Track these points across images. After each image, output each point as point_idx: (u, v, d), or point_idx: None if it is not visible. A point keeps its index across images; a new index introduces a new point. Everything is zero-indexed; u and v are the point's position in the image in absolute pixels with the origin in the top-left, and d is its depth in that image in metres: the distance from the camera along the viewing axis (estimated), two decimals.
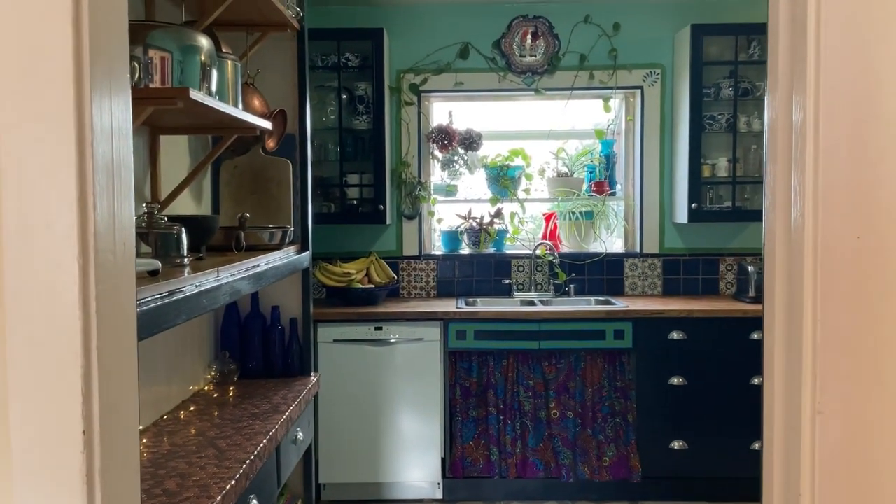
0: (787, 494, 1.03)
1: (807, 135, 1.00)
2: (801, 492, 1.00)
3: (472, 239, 4.59)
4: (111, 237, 1.04)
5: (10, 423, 0.98)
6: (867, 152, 0.98)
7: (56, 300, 0.97)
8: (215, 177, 2.89)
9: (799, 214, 1.00)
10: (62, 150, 0.97)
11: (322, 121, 4.26)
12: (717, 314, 3.95)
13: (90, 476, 0.98)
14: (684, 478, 3.97)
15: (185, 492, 1.78)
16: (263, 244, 2.55)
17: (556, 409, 4.01)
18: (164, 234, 1.92)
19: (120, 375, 1.06)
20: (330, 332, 3.97)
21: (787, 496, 1.03)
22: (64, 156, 0.97)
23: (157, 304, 1.50)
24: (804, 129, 1.01)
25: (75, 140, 0.97)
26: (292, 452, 2.56)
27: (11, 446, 0.98)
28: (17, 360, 0.97)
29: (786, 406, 1.01)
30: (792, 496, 1.02)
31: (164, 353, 2.44)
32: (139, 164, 2.27)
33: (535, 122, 4.73)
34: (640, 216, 4.54)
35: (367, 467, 3.99)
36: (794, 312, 1.00)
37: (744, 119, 4.24)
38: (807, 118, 1.00)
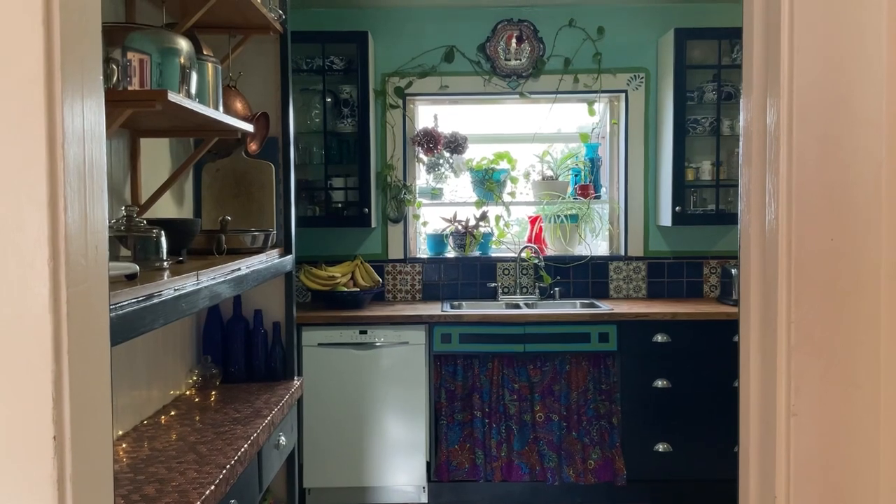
0: (763, 495, 1.03)
1: (780, 138, 1.00)
2: (776, 493, 1.00)
3: (458, 242, 4.59)
4: (83, 240, 1.02)
5: None
6: (840, 155, 0.98)
7: (26, 303, 0.96)
8: (197, 180, 2.87)
9: (773, 217, 1.00)
10: (32, 151, 0.96)
11: (307, 124, 4.25)
12: (701, 317, 3.97)
13: (61, 482, 0.97)
14: (668, 480, 3.98)
15: (164, 497, 1.77)
16: (245, 247, 2.54)
17: (541, 412, 4.01)
18: (143, 238, 1.91)
19: (92, 380, 1.05)
20: (314, 335, 3.95)
21: (762, 497, 1.03)
22: (34, 157, 0.95)
23: (134, 307, 1.49)
24: (778, 132, 1.01)
25: (45, 141, 0.96)
26: (275, 457, 2.54)
27: None
28: None
29: (761, 408, 1.01)
30: (768, 497, 1.02)
31: (145, 358, 2.42)
32: (119, 166, 2.26)
33: (520, 125, 4.74)
34: (625, 219, 4.56)
35: (352, 471, 3.97)
36: (768, 314, 1.00)
37: (727, 123, 4.26)
38: (780, 121, 1.01)
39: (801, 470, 0.99)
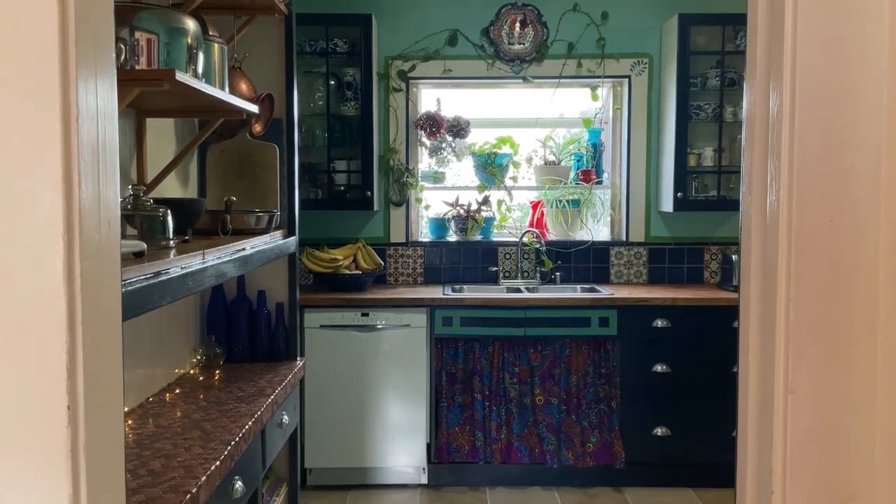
0: (760, 471, 1.05)
1: (783, 121, 1.02)
2: (772, 468, 1.02)
3: (460, 226, 4.60)
4: (96, 215, 1.04)
5: None
6: (841, 139, 1.00)
7: (42, 276, 0.98)
8: (202, 161, 2.88)
9: (774, 199, 1.02)
10: (47, 127, 0.97)
11: (310, 106, 4.25)
12: (701, 302, 3.99)
13: (74, 451, 1.00)
14: (667, 464, 4.02)
15: (170, 472, 1.79)
16: (250, 228, 2.56)
17: (540, 396, 4.04)
18: (149, 217, 1.92)
19: (105, 352, 1.07)
20: (317, 317, 3.98)
21: (759, 472, 1.05)
22: (49, 133, 0.97)
23: (142, 284, 1.51)
24: (780, 116, 1.03)
25: (60, 117, 0.98)
26: (277, 435, 2.57)
27: None
28: (1, 335, 0.98)
29: (759, 385, 1.03)
30: (764, 472, 1.04)
31: (150, 336, 2.44)
32: (125, 146, 2.27)
33: (523, 110, 4.74)
34: (627, 205, 4.57)
35: (353, 452, 4.01)
36: (768, 294, 1.02)
37: (730, 109, 4.27)
38: (783, 105, 1.02)
39: (798, 447, 1.01)
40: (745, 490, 1.08)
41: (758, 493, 1.07)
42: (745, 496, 1.09)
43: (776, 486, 1.03)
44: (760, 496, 1.06)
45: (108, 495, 1.08)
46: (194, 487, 1.70)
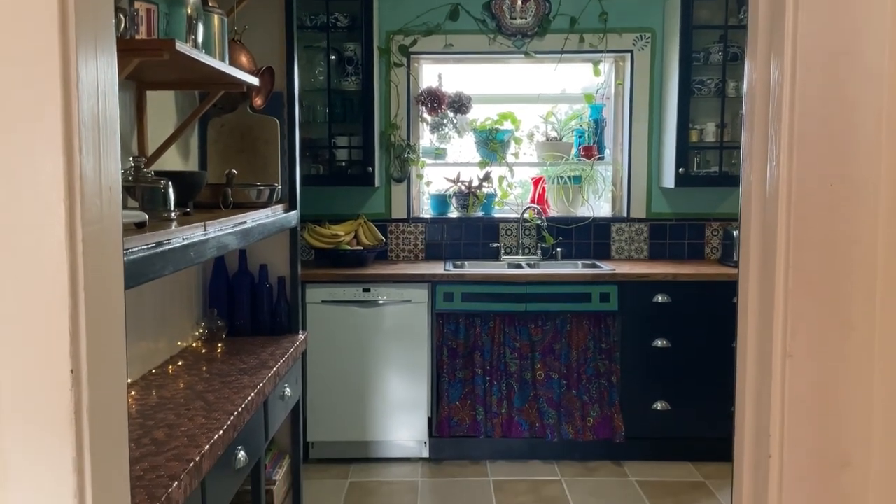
0: (758, 435, 1.06)
1: (784, 85, 1.02)
2: (770, 432, 1.03)
3: (461, 202, 4.60)
4: (97, 181, 1.05)
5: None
6: (842, 104, 1.00)
7: (43, 241, 0.98)
8: (203, 134, 2.88)
9: (774, 164, 1.02)
10: (48, 93, 0.97)
11: (310, 82, 4.23)
12: (701, 278, 4.00)
13: (78, 414, 1.01)
14: (666, 438, 4.04)
15: (174, 441, 1.81)
16: (251, 202, 2.56)
17: (541, 371, 4.06)
18: (150, 189, 1.92)
19: (107, 317, 1.07)
20: (318, 293, 3.99)
21: (757, 436, 1.06)
22: (49, 97, 0.97)
23: (145, 254, 1.51)
24: (781, 80, 1.03)
25: (60, 84, 0.98)
26: (280, 408, 2.59)
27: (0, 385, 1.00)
28: (4, 300, 0.98)
29: (758, 349, 1.04)
30: (762, 436, 1.05)
31: (153, 310, 2.45)
32: (126, 119, 2.27)
33: (525, 85, 4.72)
34: (628, 181, 4.57)
35: (355, 426, 4.04)
36: (767, 259, 1.02)
37: (732, 84, 4.24)
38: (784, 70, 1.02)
39: (796, 410, 1.02)
40: (743, 453, 1.09)
41: (756, 456, 1.07)
42: (742, 460, 1.10)
43: (774, 449, 1.04)
44: (758, 459, 1.07)
45: (112, 459, 1.09)
46: (197, 456, 1.72)
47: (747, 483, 1.10)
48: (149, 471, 1.64)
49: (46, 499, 1.00)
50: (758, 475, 1.08)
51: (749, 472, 1.11)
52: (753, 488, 1.09)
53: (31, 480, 1.00)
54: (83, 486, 1.02)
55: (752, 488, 1.10)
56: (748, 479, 1.11)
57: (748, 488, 1.11)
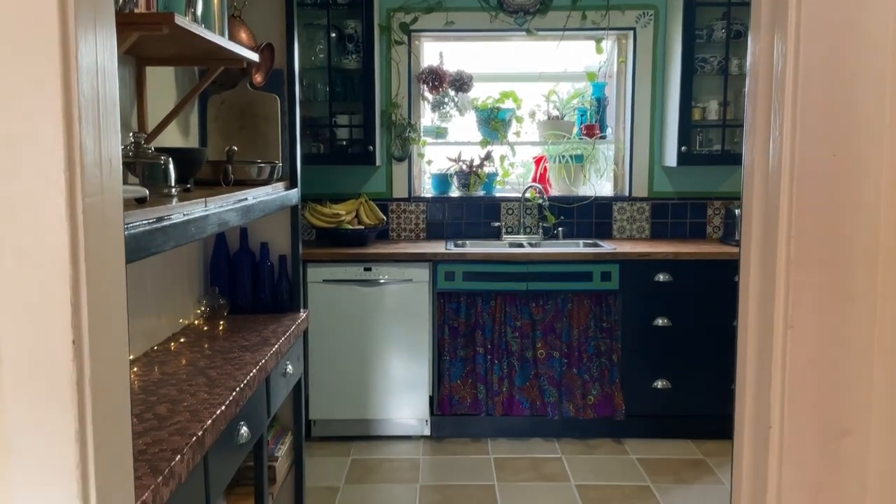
0: (758, 406, 1.06)
1: (787, 56, 1.01)
2: (771, 402, 1.03)
3: (462, 182, 4.59)
4: (97, 152, 1.04)
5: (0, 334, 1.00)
6: (845, 74, 0.99)
7: (43, 212, 0.98)
8: (203, 112, 2.87)
9: (777, 134, 1.01)
10: (46, 61, 0.97)
11: (311, 60, 4.21)
12: (703, 256, 4.00)
13: (80, 385, 1.01)
14: (666, 416, 4.06)
15: (176, 416, 1.82)
16: (251, 179, 2.55)
17: (542, 349, 4.07)
18: (151, 165, 1.92)
19: (109, 288, 1.07)
20: (319, 272, 3.99)
21: (757, 407, 1.07)
22: (48, 68, 0.97)
23: (145, 228, 1.51)
24: (785, 52, 1.02)
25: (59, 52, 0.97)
26: (282, 385, 2.60)
27: (2, 356, 1.00)
28: (5, 271, 0.98)
29: (759, 320, 1.04)
30: (762, 407, 1.05)
31: (154, 287, 2.46)
32: (125, 95, 2.26)
33: (527, 64, 4.69)
34: (630, 159, 4.55)
35: (357, 405, 4.06)
36: (769, 229, 1.02)
37: (735, 62, 4.22)
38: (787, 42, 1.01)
39: (797, 381, 1.02)
40: (744, 425, 1.10)
41: (756, 427, 1.08)
42: (742, 431, 1.10)
43: (774, 420, 1.04)
44: (758, 430, 1.07)
45: (114, 430, 1.10)
46: (200, 430, 1.73)
47: (747, 454, 1.11)
48: (151, 445, 1.64)
49: (49, 469, 1.00)
50: (758, 446, 1.08)
51: (749, 444, 1.11)
52: (753, 459, 1.10)
53: (34, 451, 1.00)
54: (86, 457, 1.02)
55: (752, 459, 1.11)
56: (748, 451, 1.12)
57: (748, 459, 1.11)
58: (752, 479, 1.10)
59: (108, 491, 1.06)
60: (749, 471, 1.11)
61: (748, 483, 1.10)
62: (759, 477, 1.08)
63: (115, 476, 1.09)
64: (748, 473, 1.11)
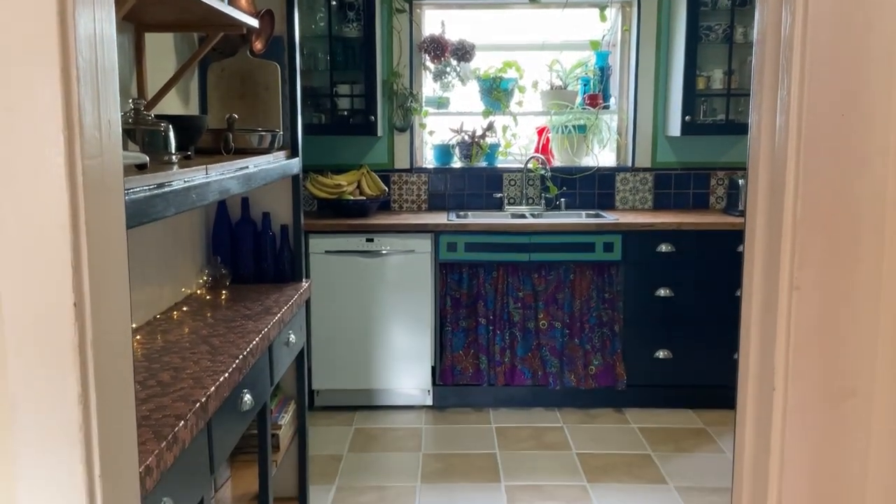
0: (762, 368, 1.06)
1: (796, 13, 0.99)
2: (775, 365, 1.03)
3: (464, 152, 4.56)
4: (96, 113, 1.03)
5: (1, 297, 0.99)
6: (855, 30, 0.97)
7: (43, 173, 0.97)
8: (203, 80, 2.84)
9: (785, 92, 1.00)
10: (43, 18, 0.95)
11: (311, 28, 4.17)
12: (705, 227, 3.99)
13: (82, 347, 1.01)
14: (668, 386, 4.08)
15: (180, 383, 1.82)
16: (252, 147, 2.53)
17: (544, 320, 4.08)
18: (151, 131, 1.90)
19: (110, 251, 1.07)
20: (321, 243, 3.99)
21: (761, 370, 1.06)
22: (45, 25, 0.95)
23: (146, 194, 1.50)
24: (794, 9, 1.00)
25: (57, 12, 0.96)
26: (285, 353, 2.60)
27: (4, 319, 1.00)
28: (5, 233, 0.97)
29: (764, 281, 1.03)
30: (766, 370, 1.05)
31: (157, 256, 2.45)
32: (125, 62, 2.24)
33: (530, 33, 4.64)
34: (633, 130, 4.52)
35: (360, 375, 4.07)
36: (775, 190, 1.01)
37: (741, 30, 4.17)
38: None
39: (801, 343, 1.02)
40: (747, 387, 1.09)
41: (759, 389, 1.08)
42: (746, 394, 1.10)
43: (778, 382, 1.04)
44: (762, 393, 1.07)
45: (117, 393, 1.10)
46: (203, 397, 1.73)
47: (750, 417, 1.11)
48: (155, 411, 1.65)
49: (52, 431, 1.01)
50: (761, 409, 1.08)
51: (752, 406, 1.11)
52: (756, 422, 1.10)
53: (37, 413, 1.00)
54: (89, 419, 1.02)
55: (755, 422, 1.11)
56: (751, 414, 1.11)
57: (751, 422, 1.11)
58: (755, 441, 1.10)
59: (112, 454, 1.06)
60: (752, 433, 1.11)
61: (751, 445, 1.10)
62: (762, 439, 1.08)
63: (118, 439, 1.09)
64: (751, 436, 1.11)
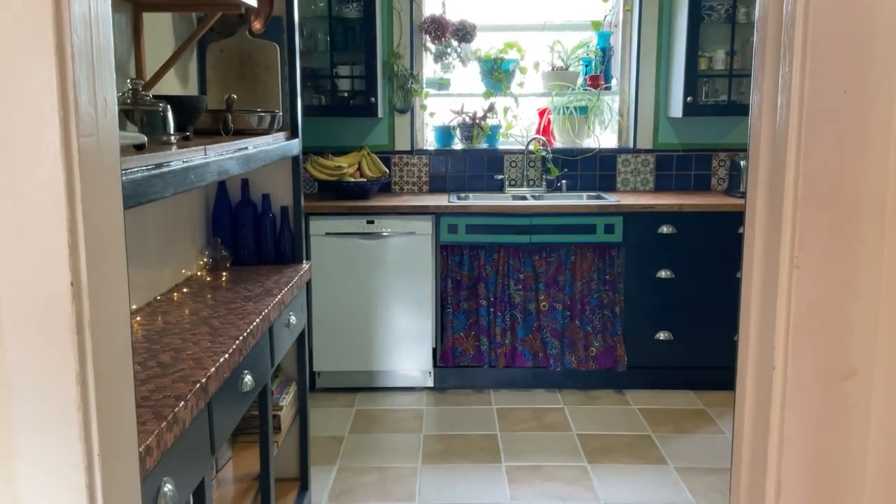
0: (762, 347, 1.06)
1: None
2: (774, 344, 1.03)
3: (465, 134, 4.54)
4: (91, 90, 1.02)
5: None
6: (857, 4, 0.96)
7: (38, 152, 0.96)
8: (201, 61, 2.82)
9: (787, 70, 0.99)
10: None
11: (311, 8, 4.14)
12: (707, 209, 3.98)
13: (80, 327, 1.00)
14: (668, 367, 4.08)
15: (180, 364, 1.82)
16: (251, 128, 2.52)
17: (545, 302, 4.08)
18: (149, 112, 1.89)
19: (107, 231, 1.06)
20: (322, 225, 3.98)
21: (761, 349, 1.06)
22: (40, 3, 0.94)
23: (144, 174, 1.49)
24: None
25: None
26: (285, 335, 2.61)
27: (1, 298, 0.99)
28: (2, 212, 0.97)
29: (764, 260, 1.03)
30: (766, 348, 1.05)
31: (157, 238, 2.45)
32: (122, 42, 2.22)
33: (531, 14, 4.61)
34: (635, 111, 4.50)
35: (361, 357, 4.08)
36: (776, 169, 1.00)
37: (743, 10, 4.14)
38: None
39: (801, 322, 1.01)
40: (747, 367, 1.09)
41: (759, 369, 1.07)
42: (745, 373, 1.10)
43: (777, 361, 1.04)
44: (762, 372, 1.07)
45: (115, 373, 1.10)
46: (203, 378, 1.73)
47: (750, 395, 1.11)
48: (155, 391, 1.65)
49: (50, 411, 1.01)
50: (760, 388, 1.08)
51: (752, 386, 1.11)
52: (756, 401, 1.10)
53: (35, 393, 1.00)
54: (87, 399, 1.02)
55: (754, 402, 1.11)
56: (751, 393, 1.11)
57: (750, 401, 1.11)
58: (755, 420, 1.10)
59: (111, 433, 1.06)
60: (751, 413, 1.11)
61: (750, 423, 1.10)
62: (761, 419, 1.08)
63: (117, 419, 1.09)
64: (750, 415, 1.11)
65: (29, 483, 1.01)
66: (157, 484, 1.47)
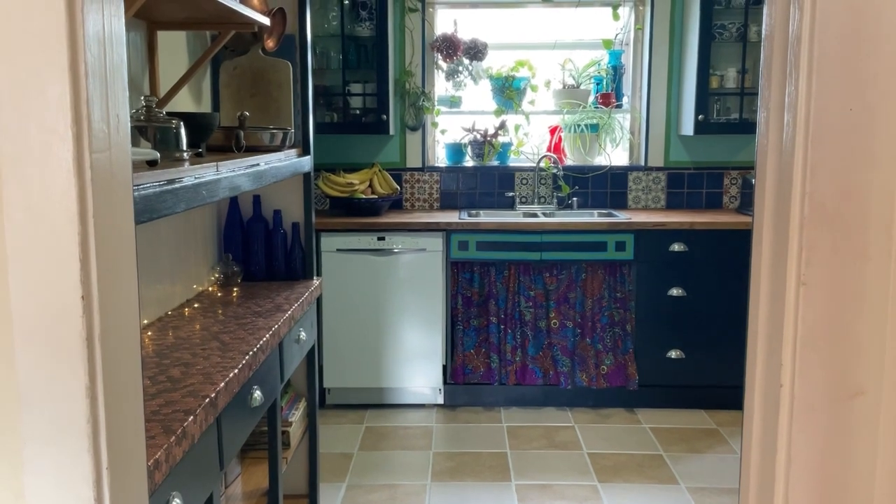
0: (769, 364, 1.05)
1: (804, 7, 0.98)
2: (782, 361, 1.02)
3: (476, 151, 4.56)
4: (104, 107, 1.04)
5: (9, 290, 1.00)
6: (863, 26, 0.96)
7: (50, 167, 0.98)
8: (215, 78, 2.86)
9: (793, 88, 0.99)
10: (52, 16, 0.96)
11: (324, 27, 4.18)
12: (718, 226, 3.96)
13: (90, 340, 1.01)
14: (680, 386, 4.06)
15: (190, 378, 1.83)
16: (264, 145, 2.54)
17: (556, 319, 4.07)
18: (162, 128, 1.91)
19: (118, 245, 1.08)
20: (333, 241, 4.00)
21: (768, 366, 1.06)
22: (53, 20, 0.96)
23: (156, 190, 1.51)
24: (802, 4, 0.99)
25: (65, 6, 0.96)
26: (295, 350, 2.61)
27: (11, 311, 1.01)
28: (14, 227, 0.98)
29: (771, 278, 1.03)
30: (773, 366, 1.04)
31: (168, 254, 2.47)
32: (137, 60, 2.25)
33: (542, 32, 4.63)
34: (646, 129, 4.50)
35: (371, 373, 4.08)
36: (783, 185, 1.00)
37: (754, 28, 4.15)
38: None
39: (809, 339, 1.01)
40: (754, 384, 1.09)
41: (766, 386, 1.07)
42: (753, 390, 1.09)
43: (785, 379, 1.03)
44: (769, 390, 1.07)
45: (125, 387, 1.10)
46: (213, 392, 1.74)
47: (758, 413, 1.10)
48: (164, 406, 1.66)
49: (60, 424, 1.01)
50: (768, 405, 1.07)
51: (759, 404, 1.10)
52: (763, 419, 1.09)
53: (45, 405, 1.01)
54: (96, 412, 1.03)
55: (761, 420, 1.10)
56: (758, 411, 1.11)
57: (758, 419, 1.10)
58: (762, 438, 1.09)
59: (120, 446, 1.07)
60: (759, 431, 1.10)
61: (758, 441, 1.10)
62: (768, 436, 1.07)
63: (126, 432, 1.10)
64: (758, 433, 1.11)
65: (37, 495, 1.02)
66: (166, 498, 1.47)
